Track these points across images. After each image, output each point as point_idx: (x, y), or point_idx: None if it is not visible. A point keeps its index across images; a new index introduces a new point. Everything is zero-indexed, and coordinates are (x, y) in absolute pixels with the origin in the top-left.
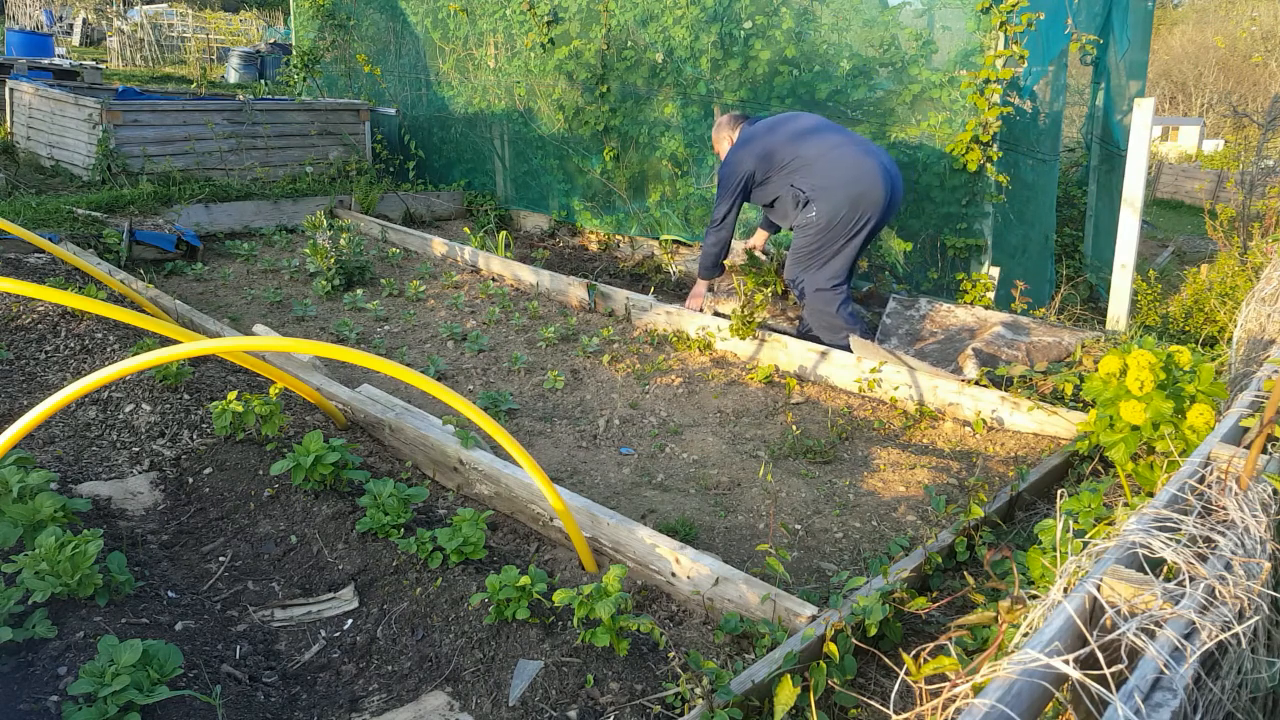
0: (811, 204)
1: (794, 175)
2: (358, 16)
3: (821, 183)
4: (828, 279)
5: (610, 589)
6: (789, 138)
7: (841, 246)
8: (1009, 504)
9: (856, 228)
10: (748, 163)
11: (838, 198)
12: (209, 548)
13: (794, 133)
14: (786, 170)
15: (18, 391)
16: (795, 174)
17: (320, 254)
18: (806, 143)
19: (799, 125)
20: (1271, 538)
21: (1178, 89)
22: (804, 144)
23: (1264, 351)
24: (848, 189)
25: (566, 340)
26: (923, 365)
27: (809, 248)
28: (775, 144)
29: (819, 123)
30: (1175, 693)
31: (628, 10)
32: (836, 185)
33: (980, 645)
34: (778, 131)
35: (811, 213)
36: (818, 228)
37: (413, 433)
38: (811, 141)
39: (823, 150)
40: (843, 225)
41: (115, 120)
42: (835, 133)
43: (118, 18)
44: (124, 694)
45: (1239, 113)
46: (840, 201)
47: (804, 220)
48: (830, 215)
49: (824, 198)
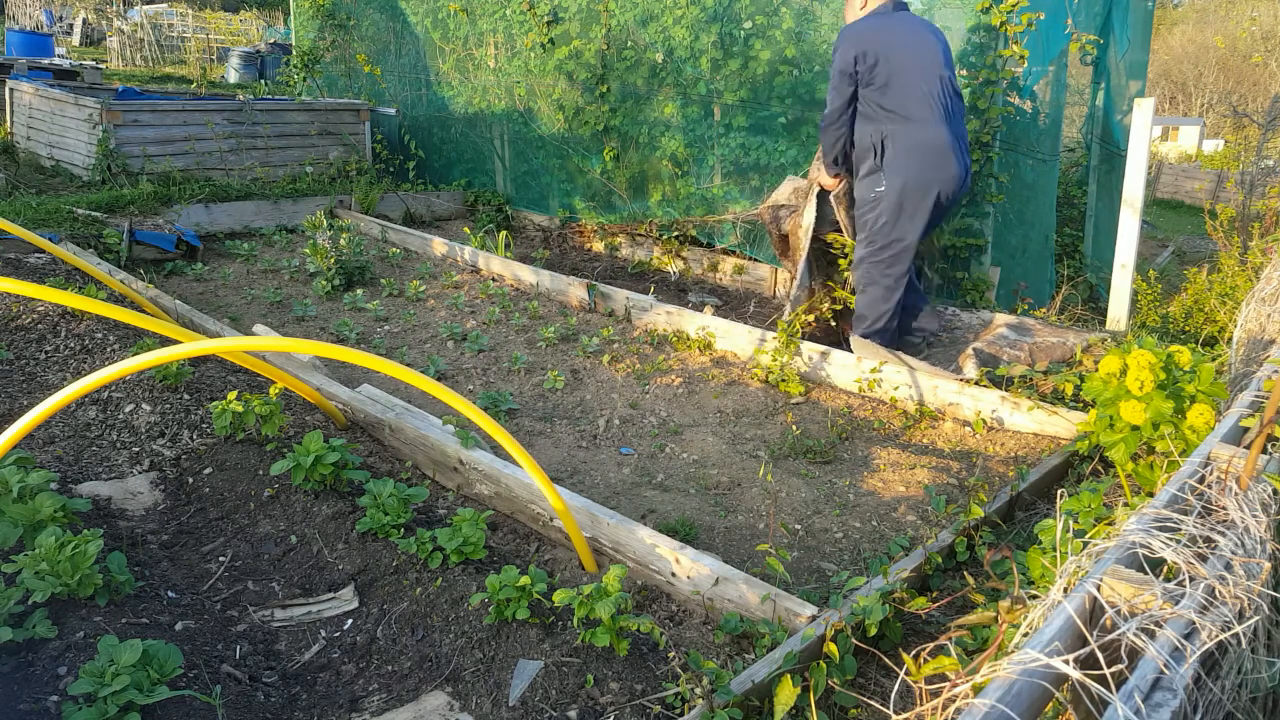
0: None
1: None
2: (358, 16)
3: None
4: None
5: (610, 589)
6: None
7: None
8: (1009, 504)
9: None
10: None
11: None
12: (209, 548)
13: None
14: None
15: (18, 391)
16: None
17: (320, 254)
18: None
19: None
20: (1271, 538)
21: (1178, 89)
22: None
23: (1264, 351)
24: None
25: (566, 340)
26: (923, 365)
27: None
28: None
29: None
30: (1175, 693)
31: (628, 10)
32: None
33: (980, 645)
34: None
35: (881, 184)
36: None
37: (413, 433)
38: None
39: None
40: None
41: (115, 120)
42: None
43: (118, 18)
44: (124, 694)
45: (1239, 113)
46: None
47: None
48: (900, 192)
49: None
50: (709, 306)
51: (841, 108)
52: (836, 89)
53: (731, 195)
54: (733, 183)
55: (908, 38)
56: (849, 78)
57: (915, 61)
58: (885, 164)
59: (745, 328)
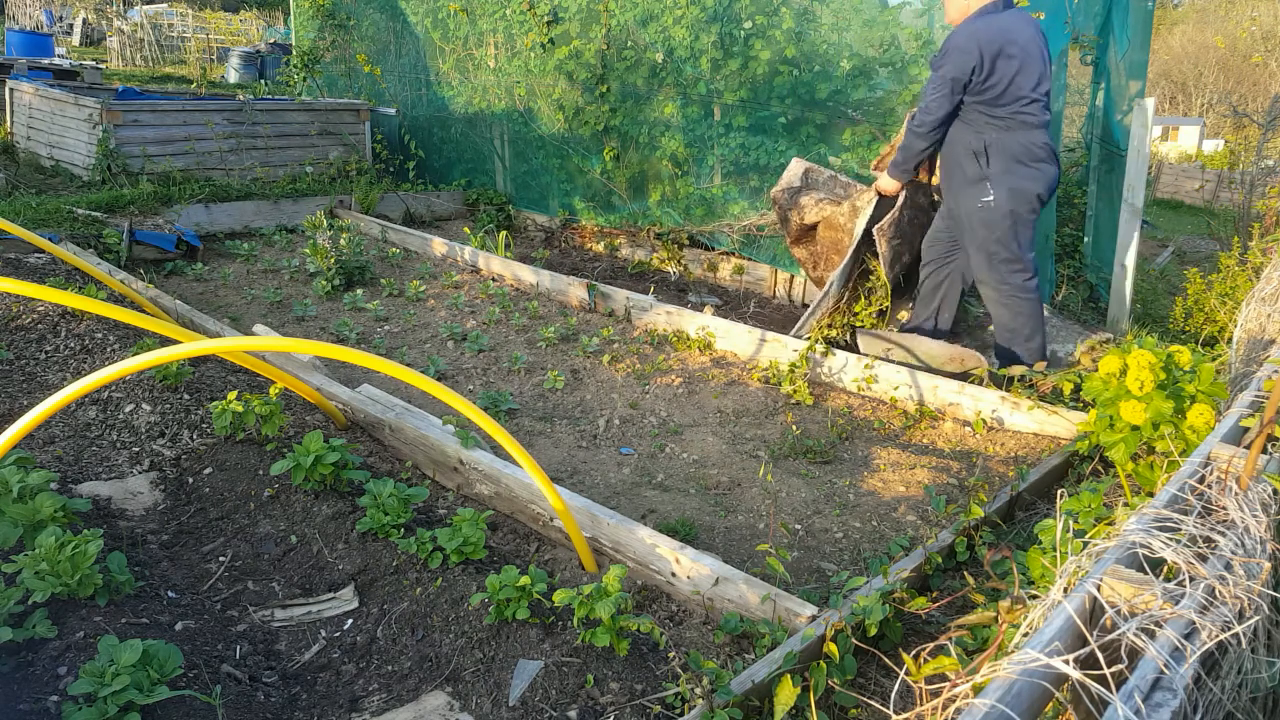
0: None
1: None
2: (358, 16)
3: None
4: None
5: (610, 589)
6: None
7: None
8: (1009, 504)
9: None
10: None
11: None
12: (209, 548)
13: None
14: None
15: (18, 391)
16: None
17: (320, 254)
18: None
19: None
20: (1271, 538)
21: (1178, 89)
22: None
23: (1264, 351)
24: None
25: (566, 340)
26: (937, 345)
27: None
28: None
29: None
30: (1175, 693)
31: (628, 10)
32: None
33: (980, 645)
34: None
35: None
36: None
37: (413, 433)
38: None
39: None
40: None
41: (115, 120)
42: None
43: (118, 18)
44: (124, 694)
45: (1239, 113)
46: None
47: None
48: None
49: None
50: (709, 306)
51: (945, 117)
52: (944, 97)
53: (731, 195)
54: (732, 183)
55: (1022, 40)
56: (961, 86)
57: (1027, 66)
58: (991, 173)
59: (745, 328)
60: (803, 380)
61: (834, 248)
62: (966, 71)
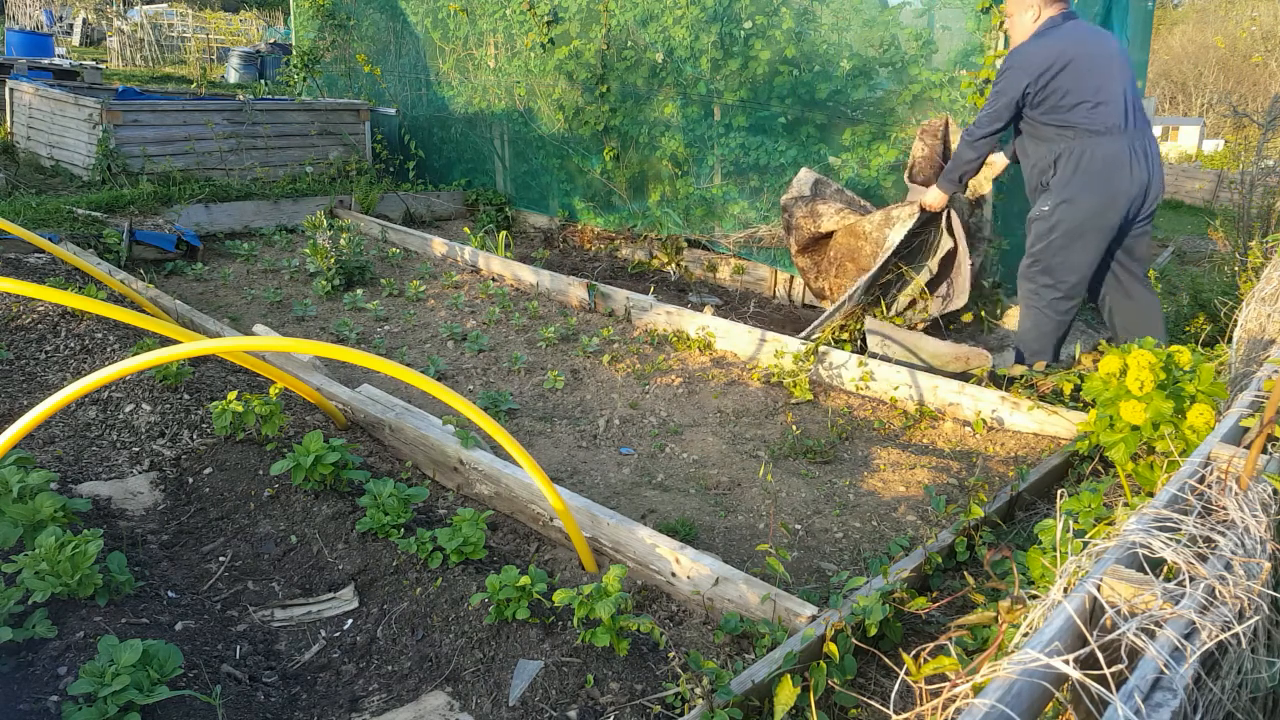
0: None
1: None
2: (358, 16)
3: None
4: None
5: (610, 589)
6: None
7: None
8: (1009, 504)
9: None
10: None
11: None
12: (209, 548)
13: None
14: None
15: (18, 391)
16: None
17: (320, 254)
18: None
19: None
20: (1271, 538)
21: (1178, 89)
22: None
23: (1264, 351)
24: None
25: (566, 340)
26: (943, 344)
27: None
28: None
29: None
30: (1175, 693)
31: (628, 10)
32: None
33: (980, 645)
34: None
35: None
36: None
37: (413, 433)
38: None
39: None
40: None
41: (115, 120)
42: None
43: (118, 18)
44: (124, 694)
45: (1239, 113)
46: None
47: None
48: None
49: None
50: (709, 306)
51: (997, 131)
52: (998, 114)
53: (731, 195)
54: (732, 183)
55: (1084, 51)
56: (1015, 105)
57: (1089, 74)
58: (1054, 184)
59: (745, 328)
60: (805, 378)
61: (849, 255)
62: (1019, 91)
